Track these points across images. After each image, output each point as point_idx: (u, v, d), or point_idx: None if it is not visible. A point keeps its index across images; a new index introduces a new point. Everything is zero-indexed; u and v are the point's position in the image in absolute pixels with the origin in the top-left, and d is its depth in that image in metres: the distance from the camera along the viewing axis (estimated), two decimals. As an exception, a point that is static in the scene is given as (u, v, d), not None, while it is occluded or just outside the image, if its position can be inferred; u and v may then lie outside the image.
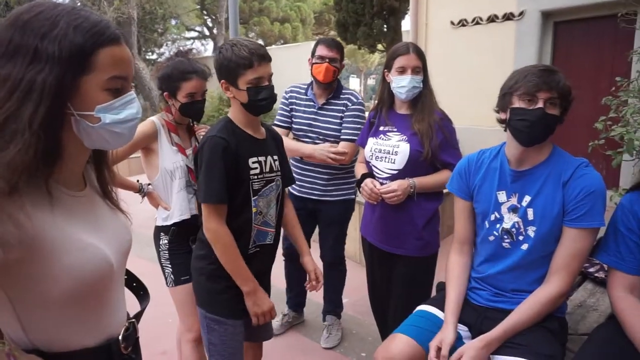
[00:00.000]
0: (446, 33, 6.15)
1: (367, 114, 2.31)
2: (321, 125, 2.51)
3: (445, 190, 1.91)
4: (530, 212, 1.51)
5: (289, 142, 2.45)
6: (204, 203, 1.56)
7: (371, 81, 30.66)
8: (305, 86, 2.63)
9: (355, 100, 2.50)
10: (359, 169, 2.19)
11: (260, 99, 1.56)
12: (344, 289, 2.99)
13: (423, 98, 1.98)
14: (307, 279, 1.81)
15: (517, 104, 1.44)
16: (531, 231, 1.51)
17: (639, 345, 1.29)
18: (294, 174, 2.58)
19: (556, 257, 1.47)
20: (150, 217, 2.15)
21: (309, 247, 2.32)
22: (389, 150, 1.99)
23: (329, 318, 2.88)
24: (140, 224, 2.23)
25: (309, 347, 2.79)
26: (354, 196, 2.67)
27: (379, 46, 9.72)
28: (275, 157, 1.72)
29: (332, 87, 2.52)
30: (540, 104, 1.40)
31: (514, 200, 1.54)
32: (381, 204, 2.02)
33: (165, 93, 1.95)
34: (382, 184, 2.00)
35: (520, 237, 1.53)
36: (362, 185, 2.03)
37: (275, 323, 2.91)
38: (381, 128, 2.08)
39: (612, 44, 4.96)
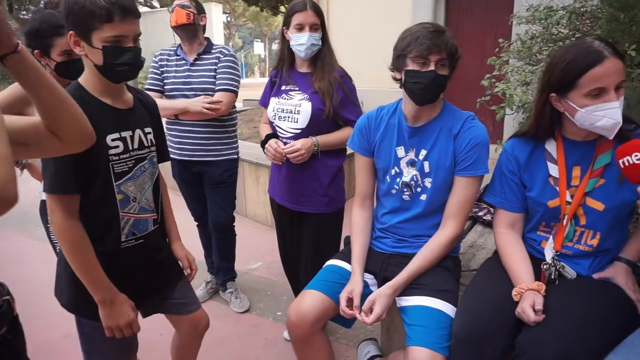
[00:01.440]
0: (347, -4, 6.18)
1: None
2: (195, 81, 2.42)
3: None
4: (426, 164, 1.60)
5: (160, 101, 2.32)
6: (47, 194, 1.28)
7: (276, 46, 30.05)
8: (175, 47, 2.53)
9: (227, 52, 2.45)
10: (263, 130, 2.16)
11: (120, 64, 1.25)
12: (254, 253, 3.00)
13: (323, 56, 1.97)
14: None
15: (411, 66, 1.48)
16: (428, 182, 1.61)
17: (509, 271, 1.47)
18: (171, 137, 2.50)
19: (449, 203, 1.59)
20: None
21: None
22: (291, 110, 1.98)
23: (230, 285, 2.87)
24: (30, 203, 2.00)
25: (227, 313, 2.78)
26: (236, 156, 2.62)
27: (282, 8, 9.50)
28: (148, 130, 1.45)
29: (196, 40, 2.44)
30: (432, 67, 1.46)
31: (411, 155, 1.63)
32: (286, 164, 2.02)
33: (36, 51, 1.70)
34: (285, 143, 1.99)
35: (419, 189, 1.63)
36: (267, 146, 2.01)
37: (200, 292, 2.86)
38: (283, 87, 2.06)
39: (495, 8, 5.35)
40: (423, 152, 1.60)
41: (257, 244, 3.75)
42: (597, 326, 1.24)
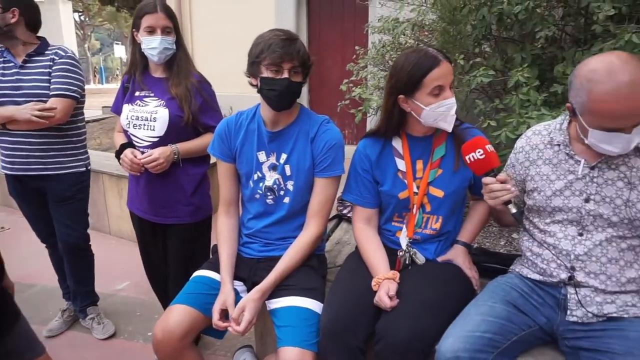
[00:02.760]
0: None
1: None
2: (26, 86, 2.12)
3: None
4: (287, 168, 1.64)
5: None
6: None
7: (139, 48, 28.07)
8: (1, 49, 2.20)
9: (63, 53, 2.17)
10: (118, 139, 2.01)
11: None
12: (121, 271, 2.76)
13: (178, 60, 1.90)
14: None
15: (265, 73, 1.51)
16: (290, 185, 1.65)
17: (368, 264, 1.58)
18: (1, 149, 2.18)
19: (311, 204, 1.65)
20: None
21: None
22: (146, 117, 1.87)
23: (91, 310, 2.59)
24: None
25: (90, 342, 2.51)
26: (84, 169, 2.35)
27: (141, 9, 8.95)
28: None
29: (16, 40, 2.13)
30: (285, 74, 1.50)
31: (272, 159, 1.65)
32: (145, 175, 1.90)
33: None
34: (143, 152, 1.88)
35: (282, 192, 1.66)
36: (122, 156, 1.88)
37: (56, 322, 2.54)
38: (137, 93, 1.94)
39: (353, 17, 5.71)
40: (283, 156, 1.64)
41: (123, 262, 3.47)
42: (440, 302, 1.41)
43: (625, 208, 1.27)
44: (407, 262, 1.59)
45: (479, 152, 1.34)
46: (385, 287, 1.43)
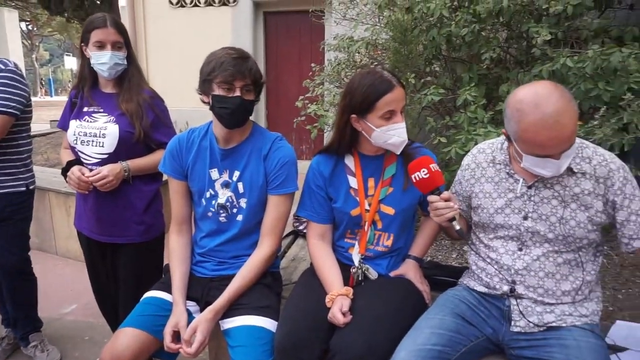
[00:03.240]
0: (166, 12, 6.00)
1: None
2: None
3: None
4: (240, 185, 1.63)
5: None
6: None
7: (91, 60, 27.20)
8: None
9: (3, 67, 2.03)
10: (64, 156, 1.94)
11: None
12: (67, 294, 2.63)
13: (130, 76, 1.87)
14: None
15: (217, 91, 1.51)
16: (243, 203, 1.64)
17: (322, 280, 1.59)
18: None
19: (265, 222, 1.64)
20: None
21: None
22: (95, 133, 1.82)
23: (33, 337, 2.43)
24: None
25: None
26: (24, 188, 2.19)
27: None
28: None
29: None
30: (237, 92, 1.50)
31: (225, 177, 1.64)
32: (94, 193, 1.84)
33: None
34: (91, 170, 1.82)
35: (235, 210, 1.65)
36: (69, 174, 1.81)
37: None
38: (85, 109, 1.88)
39: (309, 34, 5.80)
40: (236, 174, 1.63)
41: (70, 284, 3.31)
42: (393, 317, 1.43)
43: (560, 225, 1.34)
44: (360, 278, 1.61)
45: (423, 171, 1.39)
46: (339, 304, 1.44)
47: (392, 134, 1.48)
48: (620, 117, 2.17)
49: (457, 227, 1.39)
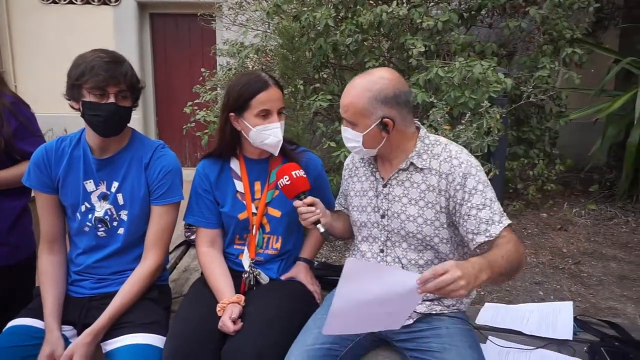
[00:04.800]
0: (34, 10, 5.44)
1: None
2: None
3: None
4: (120, 197, 1.54)
5: None
6: None
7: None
8: None
9: None
10: None
11: None
12: None
13: (-17, 80, 1.66)
14: None
15: (88, 97, 1.40)
16: (124, 215, 1.55)
17: (213, 288, 1.55)
18: None
19: (149, 234, 1.57)
20: None
21: None
22: (-59, 145, 1.59)
23: None
24: None
25: None
26: None
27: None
28: None
29: None
30: (111, 99, 1.41)
31: (102, 188, 1.54)
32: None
33: None
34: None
35: (115, 223, 1.55)
36: None
37: None
38: None
39: (200, 39, 5.66)
40: (115, 184, 1.53)
41: None
42: (284, 320, 1.45)
43: (409, 223, 1.41)
44: (252, 283, 1.61)
45: (285, 178, 1.44)
46: (229, 311, 1.42)
47: (268, 134, 1.51)
48: (481, 122, 2.45)
49: (322, 230, 1.43)
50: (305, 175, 1.46)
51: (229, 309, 1.44)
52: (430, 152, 1.41)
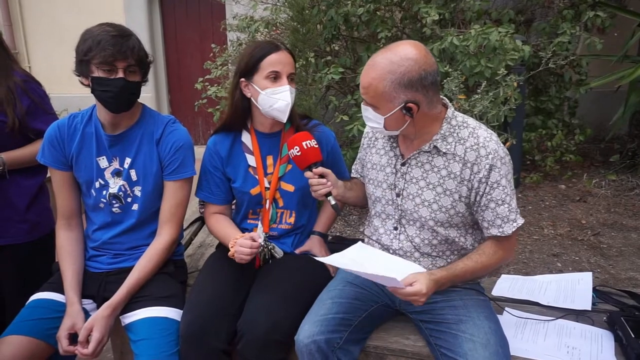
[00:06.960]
0: (45, -12, 5.42)
1: None
2: None
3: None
4: (133, 173, 1.54)
5: None
6: None
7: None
8: None
9: None
10: None
11: None
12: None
13: (-5, 58, 1.66)
14: None
15: (97, 73, 1.39)
16: (137, 191, 1.56)
17: (221, 237, 1.61)
18: None
19: (163, 209, 1.57)
20: None
21: None
22: (-42, 125, 1.61)
23: None
24: None
25: None
26: None
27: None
28: None
29: None
30: (120, 74, 1.40)
31: (116, 164, 1.54)
32: (-38, 191, 1.63)
33: None
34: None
35: (129, 199, 1.56)
36: None
37: None
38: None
39: (209, 15, 5.59)
40: (128, 161, 1.54)
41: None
42: (298, 292, 1.46)
43: (423, 207, 1.37)
44: (266, 257, 1.62)
45: (296, 149, 1.41)
46: (241, 241, 1.44)
47: (277, 98, 1.49)
48: (497, 91, 2.38)
49: (332, 203, 1.42)
50: (317, 146, 1.44)
51: (240, 239, 1.45)
52: (456, 135, 1.34)
